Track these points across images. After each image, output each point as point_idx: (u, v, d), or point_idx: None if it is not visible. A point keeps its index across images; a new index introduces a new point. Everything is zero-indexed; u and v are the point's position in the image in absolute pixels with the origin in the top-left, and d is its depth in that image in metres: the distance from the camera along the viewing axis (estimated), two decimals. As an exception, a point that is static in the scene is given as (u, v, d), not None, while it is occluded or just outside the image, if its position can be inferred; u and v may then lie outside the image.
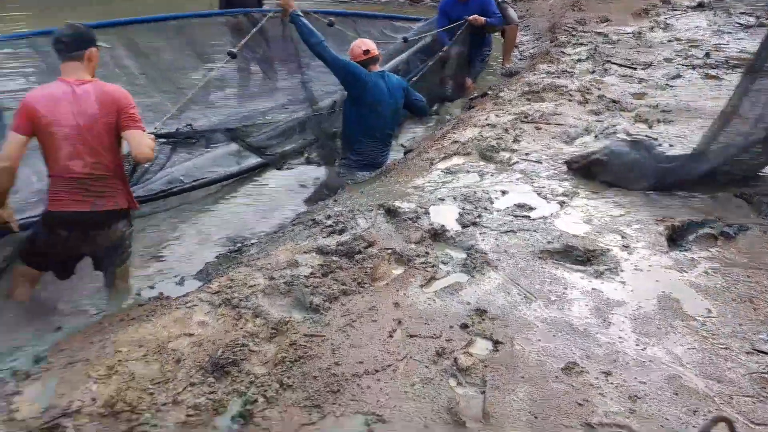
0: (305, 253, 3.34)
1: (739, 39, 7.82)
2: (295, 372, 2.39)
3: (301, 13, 4.80)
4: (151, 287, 3.63)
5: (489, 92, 6.34)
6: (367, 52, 4.75)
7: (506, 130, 4.88)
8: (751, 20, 8.63)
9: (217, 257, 3.96)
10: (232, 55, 4.86)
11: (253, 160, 5.46)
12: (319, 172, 5.38)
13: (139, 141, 3.23)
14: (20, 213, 3.41)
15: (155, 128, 3.95)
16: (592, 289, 2.93)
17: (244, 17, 6.53)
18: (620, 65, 6.75)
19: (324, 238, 3.50)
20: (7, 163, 3.08)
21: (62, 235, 3.23)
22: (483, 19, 6.60)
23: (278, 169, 5.11)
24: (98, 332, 2.73)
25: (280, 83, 6.40)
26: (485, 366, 2.43)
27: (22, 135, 3.11)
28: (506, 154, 4.47)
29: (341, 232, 3.54)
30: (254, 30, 5.06)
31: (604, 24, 8.86)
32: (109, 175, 3.27)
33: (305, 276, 3.06)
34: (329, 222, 3.68)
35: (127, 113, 3.25)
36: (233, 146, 5.03)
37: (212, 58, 6.88)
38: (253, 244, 4.03)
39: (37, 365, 2.54)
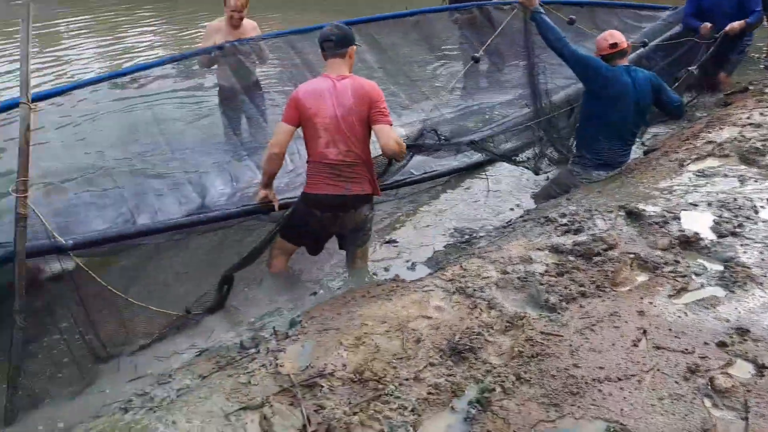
0: (539, 250, 3.28)
1: None
2: (532, 368, 2.36)
3: (542, 11, 4.71)
4: (386, 269, 3.86)
5: (750, 87, 5.63)
6: (614, 45, 4.49)
7: (774, 131, 4.30)
8: None
9: (445, 246, 4.07)
10: (476, 60, 4.94)
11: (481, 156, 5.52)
12: (547, 169, 5.25)
13: (388, 135, 3.42)
14: (279, 194, 3.83)
15: (406, 137, 4.17)
16: None
17: (478, 11, 6.60)
18: None
19: (558, 236, 3.40)
20: (277, 150, 3.48)
21: (316, 215, 3.55)
22: (741, 23, 5.84)
23: (536, 173, 5.07)
24: (344, 305, 2.96)
25: (511, 76, 6.38)
26: (747, 390, 2.17)
27: (291, 125, 3.48)
28: (775, 159, 3.93)
29: (577, 231, 3.41)
30: (498, 31, 5.05)
31: None
32: (359, 162, 3.51)
33: (540, 273, 3.01)
34: (564, 221, 3.57)
35: (378, 108, 3.45)
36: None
37: (444, 51, 7.09)
38: (481, 236, 4.07)
39: (293, 328, 2.84)
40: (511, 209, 4.71)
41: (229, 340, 3.09)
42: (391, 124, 3.52)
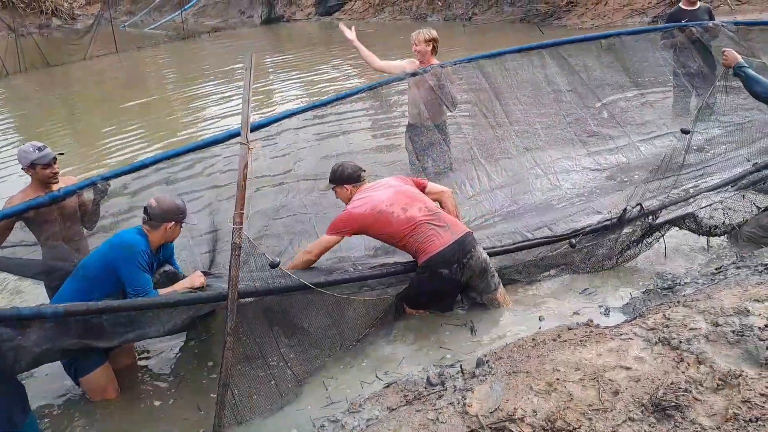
0: (757, 301, 2.91)
1: None
2: (751, 434, 2.08)
3: (746, 64, 4.35)
4: (577, 313, 3.68)
5: None
6: None
7: None
8: None
9: (644, 292, 3.79)
10: (685, 132, 4.50)
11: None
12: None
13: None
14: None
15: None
16: None
17: (680, 32, 6.17)
18: None
19: (781, 286, 3.00)
20: (314, 258, 3.74)
21: (444, 274, 3.61)
22: None
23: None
24: (534, 347, 2.87)
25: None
26: None
27: (339, 237, 3.73)
28: None
29: (807, 282, 2.99)
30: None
31: None
32: (439, 210, 3.80)
33: (759, 327, 2.67)
34: (788, 269, 3.16)
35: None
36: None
37: (641, 73, 6.72)
38: (686, 283, 3.71)
39: (480, 368, 2.80)
40: (716, 254, 4.27)
41: (416, 374, 3.14)
42: None
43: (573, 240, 4.13)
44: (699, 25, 6.14)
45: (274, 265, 3.23)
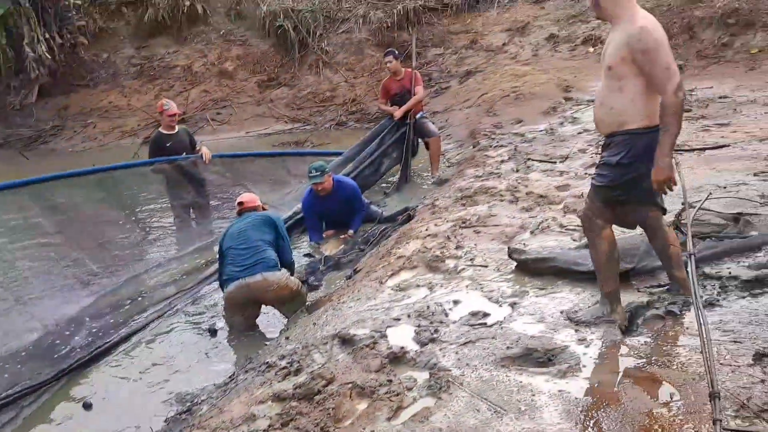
0: (261, 403, 3.14)
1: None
2: None
3: None
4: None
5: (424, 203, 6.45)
6: None
7: (448, 238, 4.93)
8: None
9: (165, 421, 3.68)
10: None
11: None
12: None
13: None
14: None
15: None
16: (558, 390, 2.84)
17: (169, 165, 6.66)
18: (540, 161, 7.04)
19: (279, 382, 3.32)
20: None
21: None
22: None
23: None
24: None
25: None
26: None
27: None
28: (452, 263, 4.47)
29: (297, 372, 3.38)
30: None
31: (519, 125, 9.27)
32: None
33: (263, 430, 2.86)
34: (283, 363, 3.53)
35: None
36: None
37: (139, 205, 6.87)
38: (203, 400, 3.77)
39: None
40: (233, 358, 4.53)
41: None
42: None
43: None
44: (187, 159, 6.73)
45: None
